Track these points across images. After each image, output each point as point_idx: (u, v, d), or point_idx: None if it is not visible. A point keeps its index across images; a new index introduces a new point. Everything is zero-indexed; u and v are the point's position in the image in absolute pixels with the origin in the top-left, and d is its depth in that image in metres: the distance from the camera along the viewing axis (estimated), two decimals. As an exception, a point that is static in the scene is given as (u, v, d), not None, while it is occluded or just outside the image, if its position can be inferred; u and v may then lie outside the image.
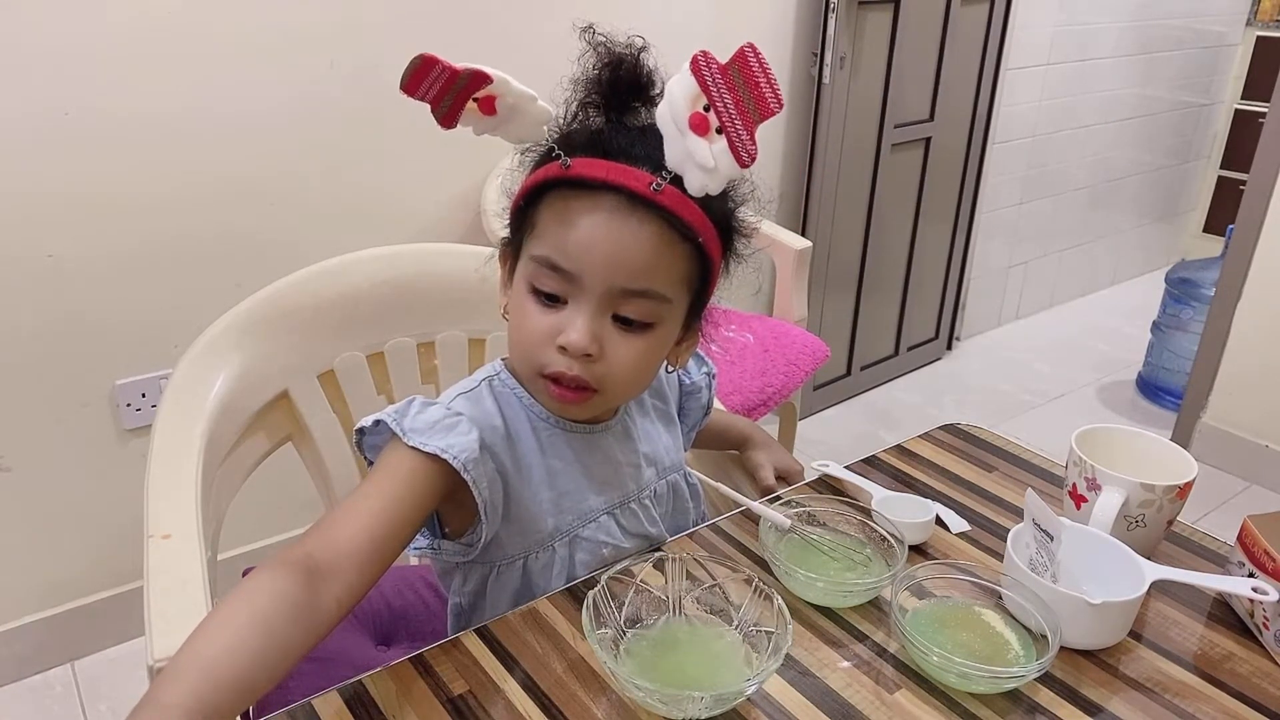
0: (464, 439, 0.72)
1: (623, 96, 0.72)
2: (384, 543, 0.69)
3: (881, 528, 0.83)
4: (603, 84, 0.72)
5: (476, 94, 0.72)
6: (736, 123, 0.65)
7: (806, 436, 2.52)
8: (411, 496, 0.71)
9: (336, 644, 0.96)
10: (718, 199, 0.72)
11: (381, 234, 1.77)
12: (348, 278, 1.08)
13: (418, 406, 0.74)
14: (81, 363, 1.56)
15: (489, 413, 0.77)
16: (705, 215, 0.71)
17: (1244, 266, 2.31)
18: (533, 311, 0.73)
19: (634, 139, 0.71)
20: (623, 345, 0.72)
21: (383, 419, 0.72)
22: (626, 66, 0.71)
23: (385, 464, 0.72)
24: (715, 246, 0.74)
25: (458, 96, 0.72)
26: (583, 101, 0.73)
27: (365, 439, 0.75)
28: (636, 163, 0.70)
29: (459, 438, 0.72)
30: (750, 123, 0.65)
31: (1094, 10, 3.00)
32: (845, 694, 0.69)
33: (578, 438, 0.81)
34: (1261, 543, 0.77)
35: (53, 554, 1.63)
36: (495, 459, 0.76)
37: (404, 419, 0.72)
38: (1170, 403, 2.72)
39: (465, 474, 0.71)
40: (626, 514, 0.84)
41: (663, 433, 0.89)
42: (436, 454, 0.70)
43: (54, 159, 1.44)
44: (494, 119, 0.74)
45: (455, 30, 1.71)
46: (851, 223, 2.52)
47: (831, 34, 2.22)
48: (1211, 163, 3.86)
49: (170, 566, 0.78)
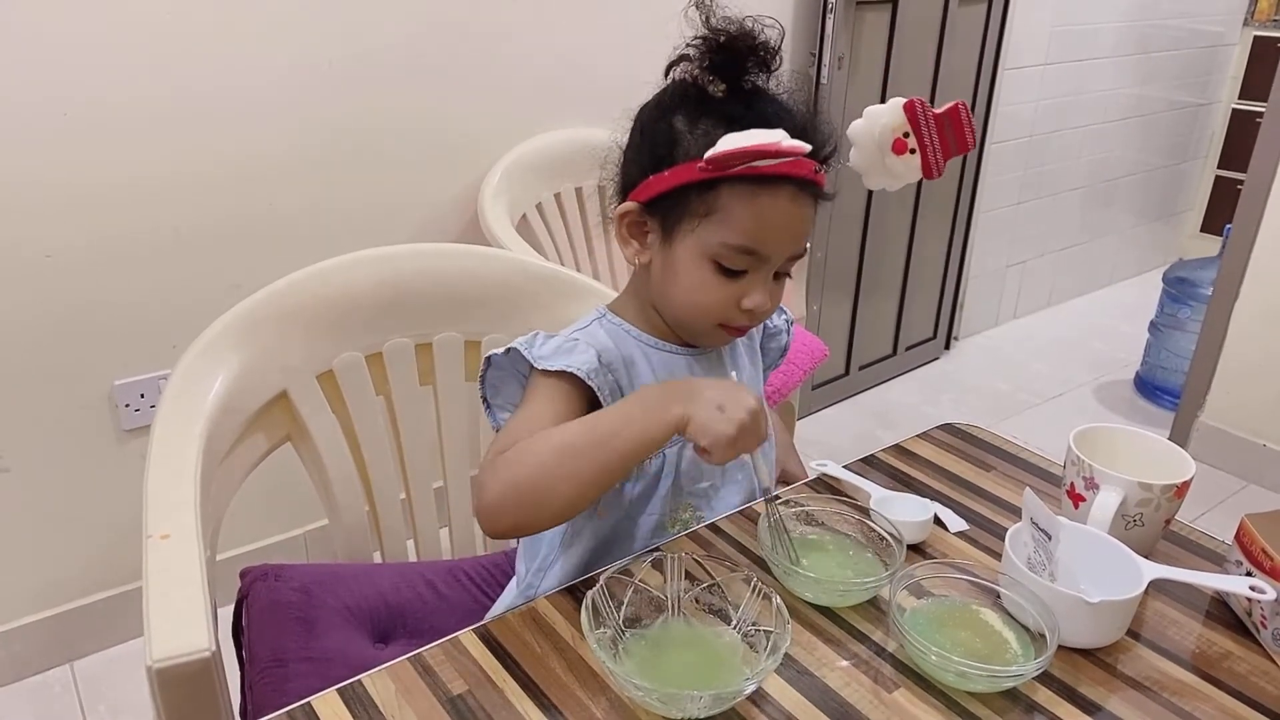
0: (584, 356, 0.83)
1: (742, 62, 0.81)
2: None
3: (880, 527, 0.83)
4: (723, 50, 0.80)
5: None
6: (938, 154, 0.88)
7: (805, 436, 2.52)
8: (555, 409, 0.81)
9: (333, 643, 0.96)
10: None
11: (380, 235, 1.77)
12: (346, 278, 1.08)
13: (541, 339, 0.84)
14: (80, 363, 1.55)
15: (604, 342, 0.87)
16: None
17: (1241, 266, 2.31)
18: (717, 282, 0.83)
19: (764, 107, 0.81)
20: (778, 290, 0.86)
21: (515, 347, 0.83)
22: (745, 34, 0.80)
23: (531, 393, 0.83)
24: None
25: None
26: (702, 67, 0.81)
27: (489, 373, 0.87)
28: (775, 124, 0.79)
29: (579, 355, 0.83)
30: (948, 154, 0.89)
31: (1091, 10, 3.00)
32: (844, 693, 0.69)
33: (682, 359, 0.90)
34: (1259, 541, 0.77)
35: (52, 554, 1.63)
36: (614, 373, 0.86)
37: (532, 349, 0.83)
38: (1168, 402, 2.72)
39: (590, 381, 0.82)
40: None
41: (747, 364, 0.98)
42: (564, 369, 0.81)
43: (54, 160, 1.43)
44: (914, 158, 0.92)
45: (455, 28, 1.71)
46: (850, 222, 2.53)
47: (830, 34, 2.22)
48: (1209, 162, 3.86)
49: (169, 567, 0.78)
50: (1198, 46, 3.49)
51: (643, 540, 0.89)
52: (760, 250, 0.81)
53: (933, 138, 0.87)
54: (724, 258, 0.81)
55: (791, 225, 0.82)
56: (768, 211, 0.80)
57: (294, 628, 0.97)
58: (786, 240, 0.82)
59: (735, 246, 0.81)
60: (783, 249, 0.83)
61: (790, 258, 0.84)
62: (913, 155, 0.85)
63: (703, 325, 0.86)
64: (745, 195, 0.80)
